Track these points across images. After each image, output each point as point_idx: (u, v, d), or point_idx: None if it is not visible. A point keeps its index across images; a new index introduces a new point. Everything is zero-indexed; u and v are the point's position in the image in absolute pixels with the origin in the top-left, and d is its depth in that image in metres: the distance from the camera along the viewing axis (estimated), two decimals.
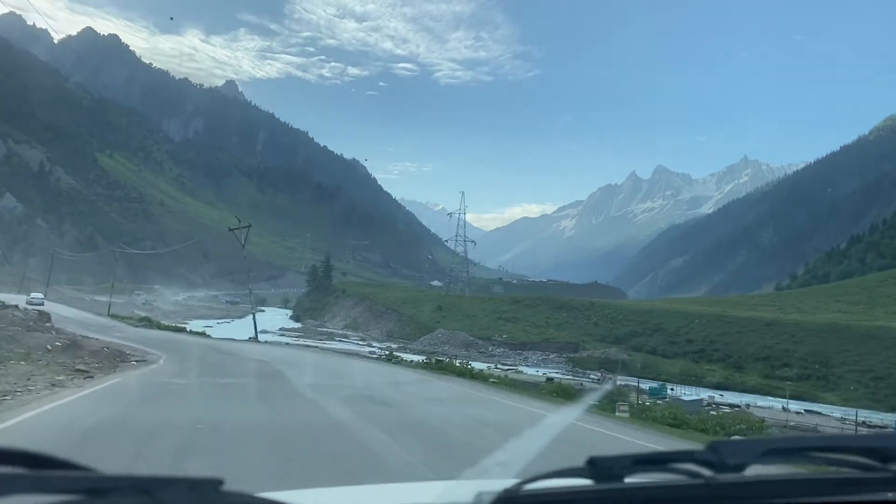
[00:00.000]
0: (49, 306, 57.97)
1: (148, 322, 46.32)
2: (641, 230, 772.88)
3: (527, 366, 70.65)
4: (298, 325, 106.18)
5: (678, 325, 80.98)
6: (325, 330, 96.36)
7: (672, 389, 47.98)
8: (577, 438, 9.79)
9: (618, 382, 50.54)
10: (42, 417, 8.93)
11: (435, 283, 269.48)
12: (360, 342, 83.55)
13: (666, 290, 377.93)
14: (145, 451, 6.88)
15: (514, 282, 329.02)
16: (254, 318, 42.95)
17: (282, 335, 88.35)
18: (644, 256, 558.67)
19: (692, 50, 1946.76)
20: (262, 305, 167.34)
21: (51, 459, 1.04)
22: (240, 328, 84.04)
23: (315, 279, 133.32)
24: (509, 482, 1.28)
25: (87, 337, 24.30)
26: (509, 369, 63.73)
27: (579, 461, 1.29)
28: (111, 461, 6.07)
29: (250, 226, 38.53)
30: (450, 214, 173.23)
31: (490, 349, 78.53)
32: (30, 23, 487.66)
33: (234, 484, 0.98)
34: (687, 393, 47.92)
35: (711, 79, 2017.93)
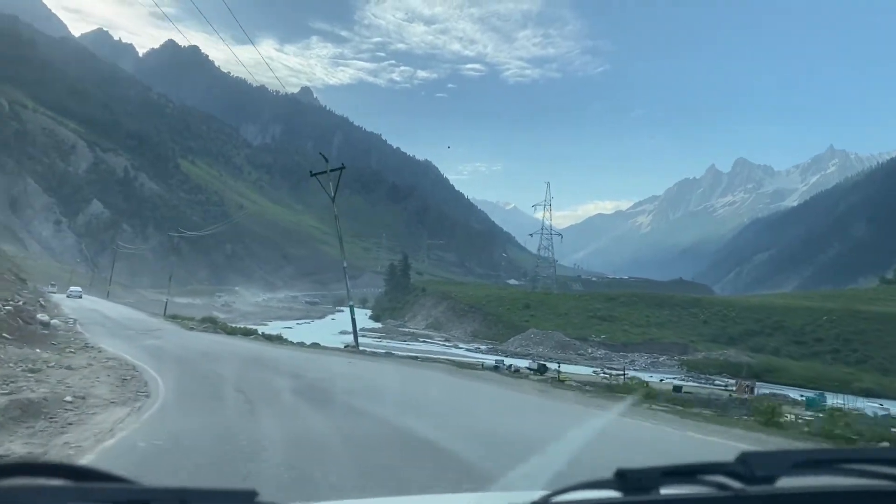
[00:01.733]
0: (93, 302, 55.12)
1: (211, 324, 39.02)
2: (722, 225, 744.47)
3: (634, 370, 63.77)
4: (379, 325, 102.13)
5: (802, 323, 72.05)
6: (406, 330, 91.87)
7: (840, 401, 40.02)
8: None
9: (756, 391, 42.99)
10: None
11: (511, 281, 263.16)
12: (445, 343, 78.53)
13: (752, 286, 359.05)
14: None
15: (594, 279, 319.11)
16: (353, 318, 31.92)
17: (363, 336, 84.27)
18: (727, 252, 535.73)
19: (770, 37, 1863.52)
20: (341, 305, 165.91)
21: (92, 472, 1.11)
22: (321, 329, 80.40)
23: (393, 278, 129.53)
24: (537, 494, 1.28)
25: (89, 348, 17.71)
26: (619, 374, 56.96)
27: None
28: None
29: (343, 168, 31.29)
30: (534, 206, 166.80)
31: (589, 351, 71.89)
32: (116, 38, 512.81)
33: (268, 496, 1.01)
34: (872, 405, 39.95)
35: (792, 67, 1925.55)
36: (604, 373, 56.42)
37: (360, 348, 30.80)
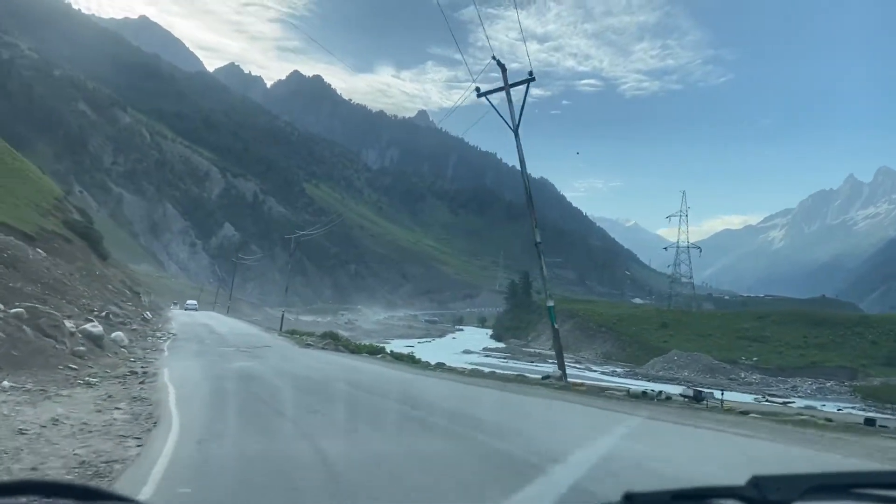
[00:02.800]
0: (210, 317, 55.13)
1: (332, 340, 34.06)
2: (865, 238, 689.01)
3: (798, 396, 55.91)
4: (501, 344, 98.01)
5: None
6: (531, 350, 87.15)
7: None
8: None
9: None
10: None
11: (637, 300, 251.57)
12: (576, 365, 73.06)
13: None
14: None
15: (726, 297, 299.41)
16: (556, 337, 20.03)
17: (487, 356, 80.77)
18: (871, 267, 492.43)
19: None
20: (460, 324, 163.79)
21: (99, 492, 1.08)
22: (443, 348, 77.67)
23: (514, 297, 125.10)
24: None
25: (135, 377, 13.52)
26: (784, 402, 49.71)
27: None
28: None
29: (532, 78, 24.87)
30: (668, 218, 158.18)
31: (742, 375, 64.24)
32: (247, 71, 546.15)
33: None
34: None
35: None
36: (766, 400, 49.49)
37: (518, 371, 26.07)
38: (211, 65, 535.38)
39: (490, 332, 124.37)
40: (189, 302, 70.32)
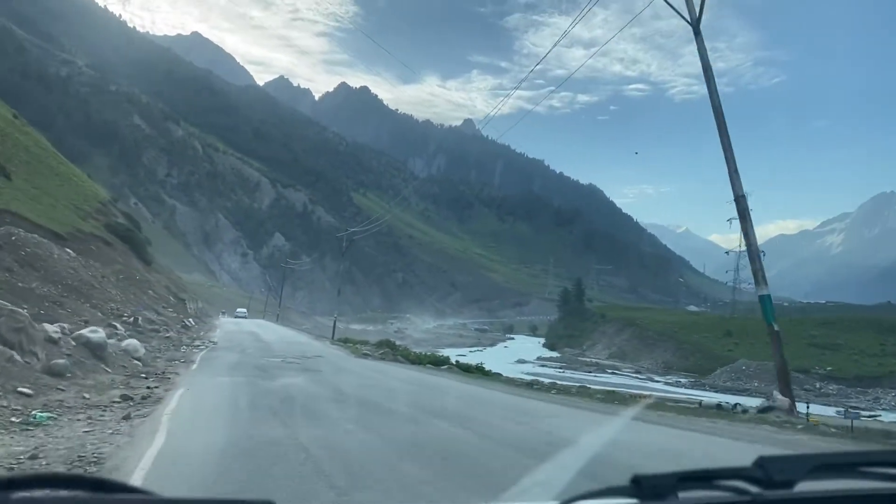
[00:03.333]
0: (258, 325, 52.22)
1: (389, 349, 29.99)
2: None
3: (881, 409, 51.58)
4: (555, 353, 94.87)
5: None
6: (587, 360, 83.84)
7: None
8: None
9: None
10: None
11: (691, 307, 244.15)
12: (636, 375, 69.68)
13: None
14: None
15: (785, 304, 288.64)
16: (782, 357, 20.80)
17: (542, 365, 77.91)
18: None
19: None
20: (510, 333, 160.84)
21: (111, 483, 1.10)
22: (495, 357, 75.13)
23: (567, 304, 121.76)
24: (551, 503, 1.19)
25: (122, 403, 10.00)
26: (871, 416, 45.66)
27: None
28: None
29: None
30: (729, 221, 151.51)
31: (817, 386, 59.89)
32: (295, 84, 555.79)
33: None
34: None
35: None
36: (848, 414, 45.48)
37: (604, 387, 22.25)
38: (261, 78, 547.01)
39: (542, 340, 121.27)
40: (238, 310, 70.72)
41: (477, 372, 23.68)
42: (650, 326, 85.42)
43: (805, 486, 1.23)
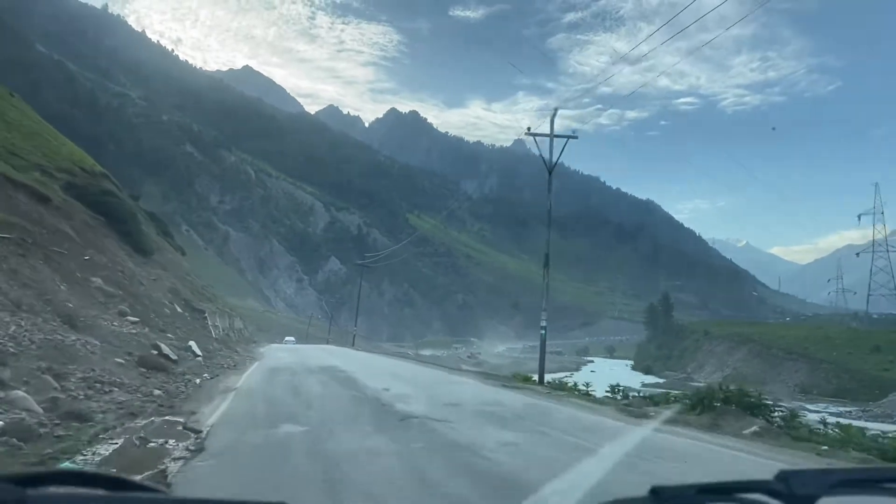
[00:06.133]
0: (324, 351, 42.44)
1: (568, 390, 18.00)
2: None
3: None
4: (657, 378, 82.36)
5: None
6: (698, 384, 71.62)
7: None
8: None
9: None
10: None
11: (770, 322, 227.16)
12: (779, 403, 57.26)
13: None
14: None
15: (875, 316, 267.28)
16: None
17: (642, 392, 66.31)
18: None
19: None
20: (585, 354, 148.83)
21: (127, 482, 1.10)
22: (590, 382, 64.14)
23: (654, 322, 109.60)
24: None
25: None
26: None
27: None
28: None
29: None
30: (859, 217, 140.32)
31: None
32: (345, 112, 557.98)
33: None
34: None
35: None
36: None
37: None
38: (310, 109, 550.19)
39: (627, 362, 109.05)
40: (287, 338, 61.18)
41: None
42: (775, 344, 72.59)
43: (827, 502, 1.21)
